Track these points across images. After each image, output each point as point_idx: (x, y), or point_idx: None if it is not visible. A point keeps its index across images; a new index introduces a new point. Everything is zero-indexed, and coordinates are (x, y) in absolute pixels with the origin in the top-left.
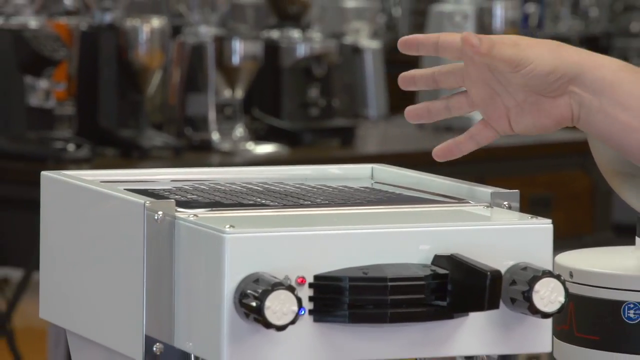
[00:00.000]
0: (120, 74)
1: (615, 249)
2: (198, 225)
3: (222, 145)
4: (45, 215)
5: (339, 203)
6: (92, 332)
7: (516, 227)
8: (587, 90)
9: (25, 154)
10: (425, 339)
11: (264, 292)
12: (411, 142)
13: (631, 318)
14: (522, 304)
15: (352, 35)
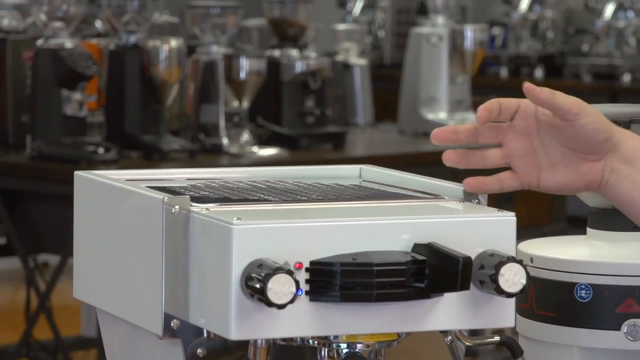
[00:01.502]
0: (143, 87)
1: (569, 238)
2: (209, 217)
3: (230, 149)
4: (78, 209)
5: (332, 199)
6: (118, 310)
7: (484, 219)
8: (620, 159)
9: (62, 156)
10: (406, 316)
11: (267, 276)
12: (394, 146)
13: (583, 297)
14: (490, 285)
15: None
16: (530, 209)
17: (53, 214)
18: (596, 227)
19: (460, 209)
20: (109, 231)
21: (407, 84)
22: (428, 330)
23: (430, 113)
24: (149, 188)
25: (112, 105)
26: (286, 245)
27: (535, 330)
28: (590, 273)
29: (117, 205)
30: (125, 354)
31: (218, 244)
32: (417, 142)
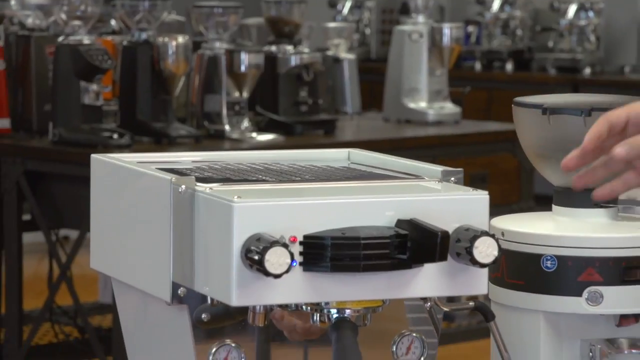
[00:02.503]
0: (153, 79)
1: (536, 214)
2: (213, 196)
3: (232, 135)
4: (94, 189)
5: (323, 179)
6: (131, 279)
7: (460, 197)
8: None
9: (80, 141)
10: (390, 285)
11: (265, 248)
12: (379, 132)
13: (548, 267)
14: (465, 257)
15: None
16: (502, 188)
17: (72, 192)
18: (560, 204)
19: (438, 188)
20: (122, 208)
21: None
22: (410, 297)
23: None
24: (159, 169)
25: (125, 95)
26: (282, 221)
27: (506, 297)
28: (555, 245)
29: (129, 185)
30: (137, 319)
31: (220, 220)
32: (400, 129)
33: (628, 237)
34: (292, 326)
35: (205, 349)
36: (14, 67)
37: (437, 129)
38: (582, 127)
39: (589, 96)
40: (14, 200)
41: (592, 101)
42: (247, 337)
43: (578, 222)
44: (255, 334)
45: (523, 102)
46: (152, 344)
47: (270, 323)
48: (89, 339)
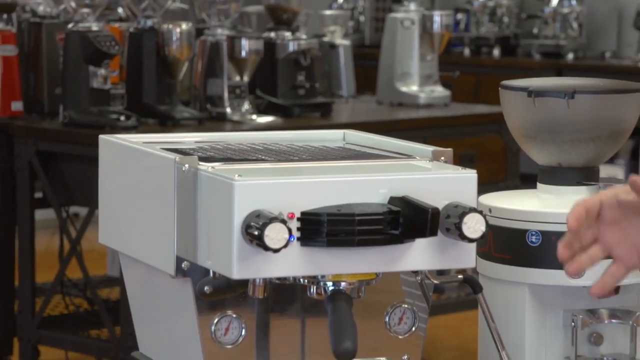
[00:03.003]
0: (158, 64)
1: (522, 192)
2: (215, 174)
3: (233, 117)
4: (102, 168)
5: (319, 158)
6: (137, 253)
7: (450, 176)
8: None
9: (89, 123)
10: (383, 259)
11: (264, 224)
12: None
13: (533, 242)
14: (454, 232)
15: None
16: (489, 167)
17: (82, 171)
18: (545, 182)
19: (429, 167)
20: (129, 186)
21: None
22: (402, 270)
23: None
24: (163, 149)
25: (131, 79)
26: (280, 198)
27: (493, 270)
28: (540, 221)
29: (135, 164)
30: (143, 291)
31: (222, 197)
32: (393, 111)
33: None
34: None
35: (208, 319)
36: (26, 53)
37: (427, 111)
38: (565, 109)
39: (572, 80)
40: (26, 179)
41: (574, 84)
42: (248, 308)
43: (561, 199)
44: (255, 305)
45: (509, 85)
46: (157, 315)
47: (269, 295)
48: (98, 310)
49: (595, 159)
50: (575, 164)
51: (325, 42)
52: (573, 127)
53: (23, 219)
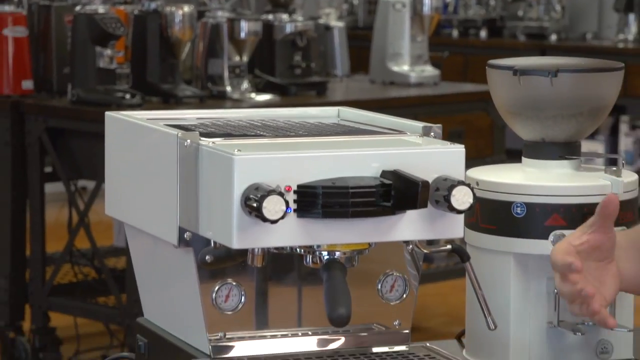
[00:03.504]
0: (162, 45)
1: (507, 166)
2: (215, 149)
3: (233, 95)
4: (109, 143)
5: (315, 134)
6: (142, 224)
7: (439, 150)
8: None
9: (96, 100)
10: (375, 229)
11: (262, 197)
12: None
13: (518, 213)
14: (443, 204)
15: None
16: (476, 143)
17: (89, 147)
18: (529, 157)
19: (419, 142)
20: (134, 160)
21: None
22: (393, 240)
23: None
24: (166, 126)
25: (136, 59)
26: (278, 172)
27: (480, 240)
28: (524, 194)
29: (140, 140)
30: (147, 260)
31: (222, 171)
32: (385, 89)
33: (589, 185)
34: None
35: (209, 287)
36: (36, 34)
37: (418, 90)
38: (549, 87)
39: (555, 59)
40: (36, 154)
41: (557, 64)
42: (247, 276)
43: (545, 172)
44: (254, 274)
45: (496, 64)
46: (161, 282)
47: (267, 264)
48: (105, 279)
49: (577, 134)
50: (558, 139)
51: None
52: (556, 104)
53: (33, 193)
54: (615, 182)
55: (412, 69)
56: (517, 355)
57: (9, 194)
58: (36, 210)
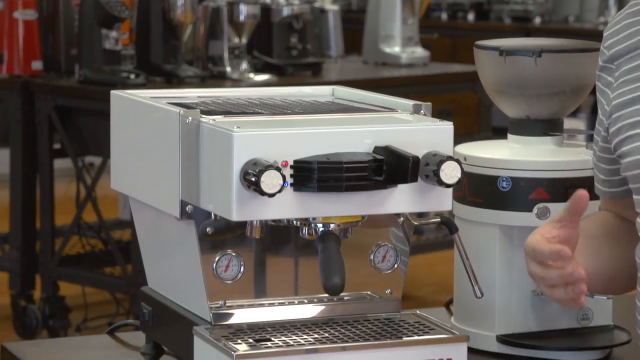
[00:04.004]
0: (165, 27)
1: (494, 142)
2: (216, 126)
3: (232, 75)
4: (114, 120)
5: (311, 112)
6: (146, 198)
7: (429, 127)
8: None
9: (102, 80)
10: (368, 202)
11: (260, 171)
12: (359, 73)
13: (504, 187)
14: (433, 178)
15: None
16: (464, 121)
17: (96, 124)
18: (514, 133)
19: (410, 119)
20: (138, 137)
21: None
22: (385, 213)
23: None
24: (169, 104)
25: (140, 41)
26: (275, 148)
27: (468, 212)
28: (510, 168)
29: (144, 117)
30: (151, 232)
31: (222, 147)
32: (377, 70)
33: (571, 160)
34: None
35: (210, 257)
36: (45, 17)
37: (409, 70)
38: (533, 67)
39: (539, 40)
40: (46, 132)
41: (541, 44)
42: (246, 247)
43: (529, 148)
44: (253, 245)
45: (483, 45)
46: (164, 254)
47: (265, 235)
48: (111, 250)
49: (560, 112)
50: (542, 116)
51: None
52: (540, 83)
53: (43, 168)
54: None
55: (403, 50)
56: (502, 321)
57: (20, 169)
58: (46, 185)
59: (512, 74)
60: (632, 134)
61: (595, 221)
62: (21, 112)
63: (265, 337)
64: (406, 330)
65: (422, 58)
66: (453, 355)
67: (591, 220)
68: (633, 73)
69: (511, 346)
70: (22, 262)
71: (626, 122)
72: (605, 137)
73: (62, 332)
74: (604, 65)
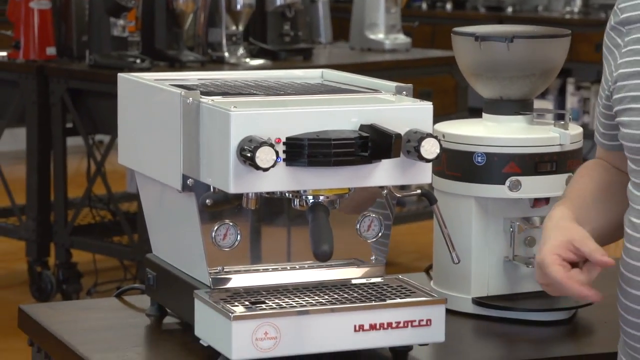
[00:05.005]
0: (168, 16)
1: (470, 121)
2: (214, 106)
3: (230, 60)
4: (121, 101)
5: (302, 93)
6: (150, 172)
7: (410, 107)
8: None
9: (110, 65)
10: (354, 176)
11: (255, 147)
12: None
13: (479, 162)
14: (414, 154)
15: None
16: (443, 102)
17: (105, 105)
18: (489, 113)
19: (393, 100)
20: (143, 116)
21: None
22: (370, 185)
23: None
24: (171, 85)
25: (146, 28)
26: (269, 126)
27: (446, 185)
28: (484, 145)
29: (148, 98)
30: (155, 204)
31: (220, 125)
32: (363, 55)
33: (541, 137)
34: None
35: (209, 227)
36: (58, 6)
37: (392, 55)
38: (505, 51)
39: (511, 27)
40: (59, 112)
41: (513, 31)
42: (242, 217)
43: (502, 126)
44: (249, 215)
45: (460, 31)
46: (168, 224)
47: (260, 206)
48: (119, 221)
49: (530, 93)
50: (514, 97)
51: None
52: (512, 66)
53: (57, 145)
54: (563, 134)
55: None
56: (478, 285)
57: (36, 147)
58: (59, 161)
59: (486, 58)
60: (634, 107)
61: (594, 179)
62: (36, 94)
63: (260, 300)
64: (389, 294)
65: (404, 44)
66: (432, 316)
67: (592, 179)
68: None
69: (485, 307)
70: (37, 232)
71: (629, 94)
72: (608, 96)
73: (74, 296)
74: (614, 26)
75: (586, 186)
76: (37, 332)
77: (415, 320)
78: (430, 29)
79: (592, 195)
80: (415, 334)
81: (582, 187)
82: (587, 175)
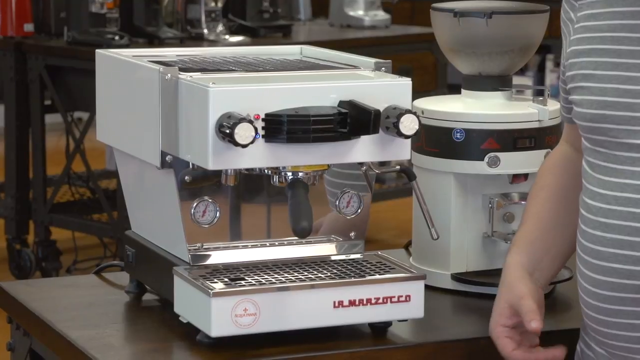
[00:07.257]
0: None
1: (449, 97)
2: (193, 82)
3: (209, 36)
4: (99, 78)
5: (280, 69)
6: (129, 148)
7: (390, 83)
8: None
9: (89, 41)
10: (334, 152)
11: (234, 124)
12: (326, 34)
13: (458, 138)
14: (393, 130)
15: None
16: (422, 79)
17: (83, 82)
18: (468, 89)
19: (372, 76)
20: (121, 92)
21: None
22: (349, 162)
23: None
24: (150, 62)
25: (124, 5)
26: (248, 102)
27: (425, 161)
28: (463, 121)
29: (126, 74)
30: (134, 181)
31: (199, 101)
32: (343, 32)
33: (519, 113)
34: None
35: (188, 204)
36: None
37: (371, 32)
38: (484, 27)
39: (490, 3)
40: (37, 89)
41: (492, 6)
42: (222, 194)
43: (481, 102)
44: (228, 192)
45: (439, 7)
46: (147, 200)
47: (239, 183)
48: (99, 198)
49: (509, 69)
50: (493, 73)
51: None
52: (491, 42)
53: (35, 123)
54: (541, 110)
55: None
56: (457, 261)
57: (14, 124)
58: (37, 138)
59: (465, 34)
60: (584, 85)
61: (550, 196)
62: (14, 70)
63: (240, 277)
64: (369, 270)
65: (384, 21)
66: (412, 292)
67: (548, 198)
68: (592, 21)
69: (464, 283)
70: (16, 209)
71: (579, 72)
72: (564, 71)
73: (53, 273)
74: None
75: (542, 207)
76: (16, 309)
77: (395, 296)
78: (410, 6)
79: (550, 216)
80: (394, 310)
81: (539, 211)
82: (543, 191)
